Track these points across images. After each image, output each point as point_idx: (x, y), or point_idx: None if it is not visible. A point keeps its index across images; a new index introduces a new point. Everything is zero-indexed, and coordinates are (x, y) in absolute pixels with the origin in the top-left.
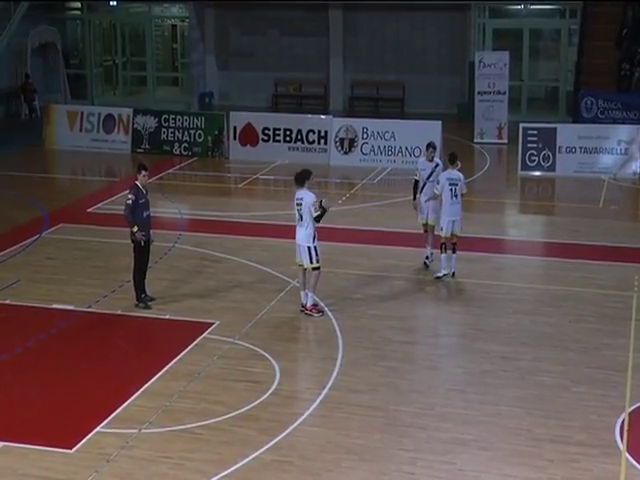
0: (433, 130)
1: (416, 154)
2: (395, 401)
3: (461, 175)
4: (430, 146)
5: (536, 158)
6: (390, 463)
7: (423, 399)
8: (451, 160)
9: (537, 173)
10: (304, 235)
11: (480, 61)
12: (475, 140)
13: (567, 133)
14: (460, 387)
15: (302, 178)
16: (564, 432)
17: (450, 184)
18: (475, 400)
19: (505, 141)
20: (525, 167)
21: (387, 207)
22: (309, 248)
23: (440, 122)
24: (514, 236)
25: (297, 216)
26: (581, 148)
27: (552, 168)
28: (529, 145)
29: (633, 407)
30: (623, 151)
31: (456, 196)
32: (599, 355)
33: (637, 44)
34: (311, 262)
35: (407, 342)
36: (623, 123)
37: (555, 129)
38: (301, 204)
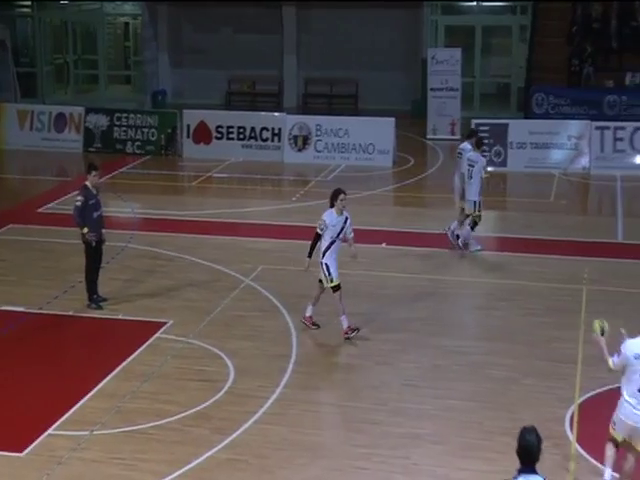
0: (386, 127)
1: (370, 151)
2: (349, 397)
3: (480, 158)
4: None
5: (488, 154)
6: (344, 459)
7: (376, 395)
8: (477, 144)
9: (489, 168)
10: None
11: (433, 58)
12: (428, 136)
13: (518, 129)
14: (413, 382)
15: (330, 199)
16: (515, 424)
17: (468, 165)
18: (428, 395)
19: (458, 137)
20: None
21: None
22: (321, 264)
23: (393, 119)
24: None
25: None
26: (532, 143)
27: (504, 163)
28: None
29: (582, 399)
30: (573, 146)
31: (471, 177)
32: (549, 348)
33: (586, 41)
34: (325, 281)
35: (361, 338)
36: (573, 118)
37: (507, 125)
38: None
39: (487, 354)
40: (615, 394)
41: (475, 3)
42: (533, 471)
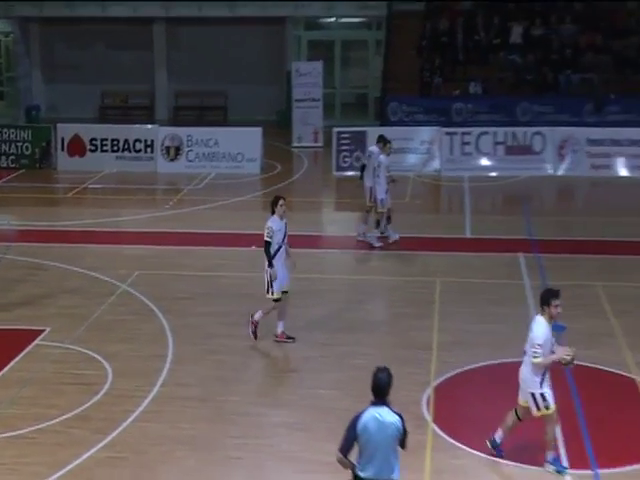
0: (254, 136)
1: (239, 159)
2: (222, 392)
3: (385, 160)
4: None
5: (349, 159)
6: (219, 450)
7: (248, 388)
8: (384, 147)
9: (350, 173)
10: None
11: (296, 71)
12: (293, 144)
13: (376, 135)
14: (283, 374)
15: (271, 206)
16: None
17: (377, 166)
18: (297, 385)
19: (321, 144)
20: (339, 168)
21: (212, 210)
22: (266, 271)
23: (261, 128)
24: (331, 232)
25: None
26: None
27: (363, 167)
28: (342, 147)
29: (437, 382)
30: (425, 150)
31: (379, 177)
32: (408, 336)
33: (435, 53)
34: (267, 292)
35: (232, 336)
36: (425, 125)
37: (365, 132)
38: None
39: (352, 345)
40: (465, 376)
41: (334, 19)
42: (384, 404)
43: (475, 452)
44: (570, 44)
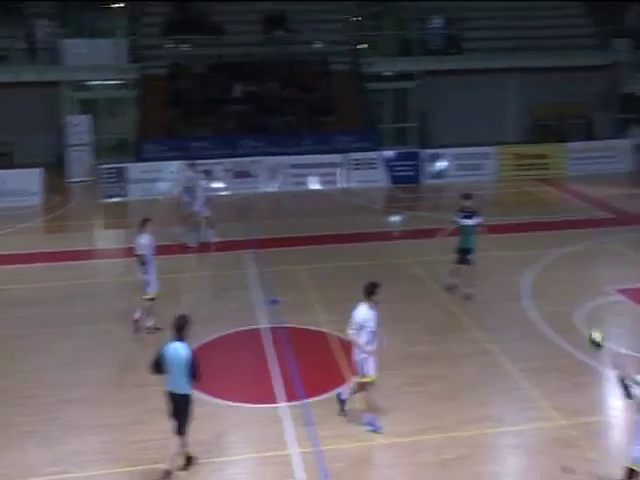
0: (36, 175)
1: (24, 194)
2: (14, 380)
3: (199, 183)
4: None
5: (114, 188)
6: (14, 428)
7: (35, 376)
8: (201, 172)
9: (115, 199)
10: None
11: (70, 122)
12: (70, 179)
13: (134, 170)
14: (66, 362)
15: (140, 226)
16: (144, 379)
17: (193, 187)
18: (81, 368)
19: (91, 178)
20: (106, 196)
21: (3, 236)
22: (144, 279)
23: (41, 168)
24: (102, 245)
25: None
26: (144, 179)
27: (125, 195)
28: (108, 180)
29: (198, 345)
30: (172, 179)
31: (194, 195)
32: (167, 317)
33: (178, 106)
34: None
35: (24, 336)
36: (172, 160)
37: (126, 167)
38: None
39: (122, 331)
40: (211, 344)
41: (99, 82)
42: (181, 339)
43: (216, 400)
44: (275, 97)
